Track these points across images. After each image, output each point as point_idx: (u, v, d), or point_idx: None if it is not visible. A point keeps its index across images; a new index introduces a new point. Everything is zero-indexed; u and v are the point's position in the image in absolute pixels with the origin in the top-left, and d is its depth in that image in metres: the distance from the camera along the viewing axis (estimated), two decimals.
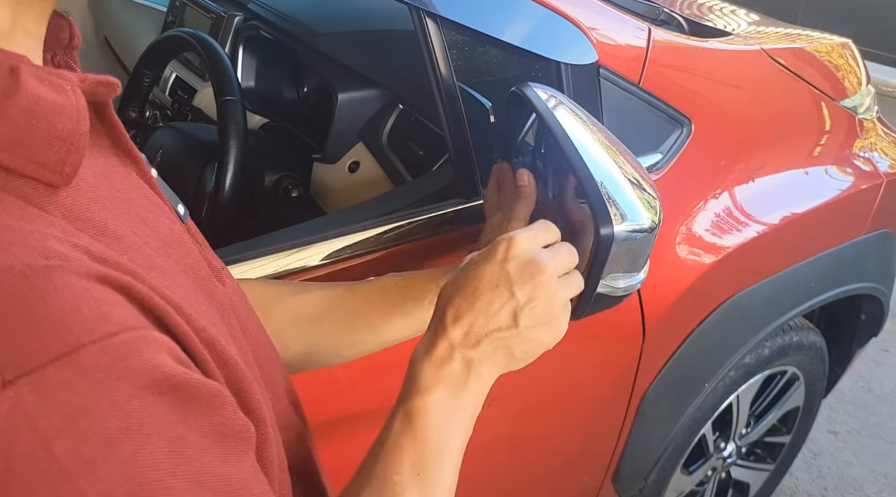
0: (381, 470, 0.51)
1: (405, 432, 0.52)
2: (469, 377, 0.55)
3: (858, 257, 1.44)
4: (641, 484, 1.33)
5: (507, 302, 0.56)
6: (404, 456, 0.51)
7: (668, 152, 1.09)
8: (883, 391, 2.22)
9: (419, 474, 0.51)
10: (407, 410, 0.53)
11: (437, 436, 0.53)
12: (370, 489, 0.50)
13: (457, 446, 0.54)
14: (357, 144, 1.26)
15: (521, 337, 0.56)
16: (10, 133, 0.32)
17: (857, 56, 1.53)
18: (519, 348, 0.57)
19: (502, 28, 0.90)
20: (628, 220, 0.66)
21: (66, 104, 0.34)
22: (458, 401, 0.55)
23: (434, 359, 0.55)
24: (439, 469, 0.52)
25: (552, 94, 0.76)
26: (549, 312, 0.57)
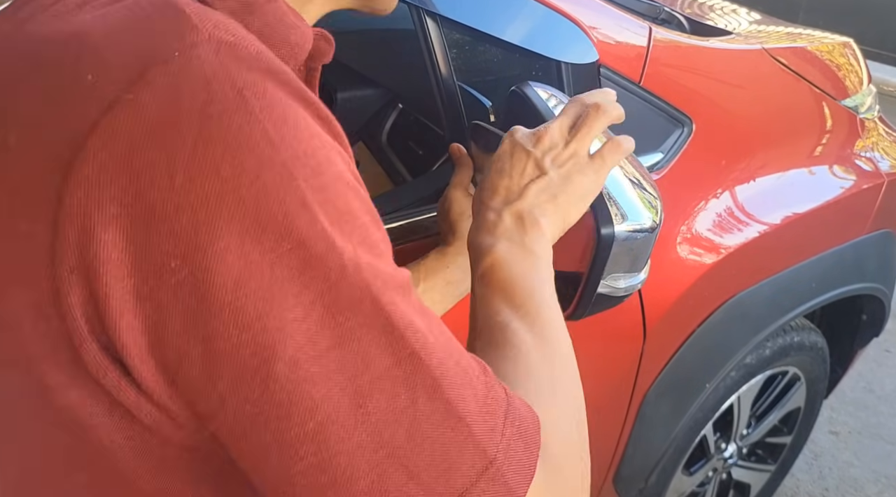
0: (481, 321, 0.52)
1: (488, 287, 0.54)
2: (524, 224, 0.57)
3: (860, 257, 1.44)
4: (642, 485, 1.32)
5: (528, 158, 0.60)
6: (498, 302, 0.52)
7: (669, 152, 1.09)
8: (884, 392, 2.22)
9: (518, 309, 0.51)
10: (481, 273, 0.55)
11: (518, 277, 0.54)
12: (480, 340, 0.50)
13: (544, 286, 0.55)
14: (357, 144, 1.25)
15: (553, 181, 0.59)
16: (259, 24, 0.41)
17: (858, 55, 1.53)
18: (561, 192, 0.59)
19: (503, 27, 0.90)
20: (629, 219, 0.65)
21: (301, 27, 0.44)
22: (524, 246, 0.56)
23: (486, 227, 0.58)
24: (537, 304, 0.52)
25: (553, 93, 0.76)
26: (571, 155, 0.60)
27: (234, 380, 0.34)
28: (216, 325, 0.34)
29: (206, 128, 0.34)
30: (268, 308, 0.34)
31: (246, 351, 0.34)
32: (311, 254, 0.35)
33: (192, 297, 0.34)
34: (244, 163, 0.34)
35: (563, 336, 0.52)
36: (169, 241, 0.34)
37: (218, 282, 0.34)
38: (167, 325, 0.34)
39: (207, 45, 0.36)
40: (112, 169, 0.34)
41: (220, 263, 0.34)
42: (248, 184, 0.34)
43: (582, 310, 0.67)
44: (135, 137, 0.34)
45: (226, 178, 0.34)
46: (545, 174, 0.59)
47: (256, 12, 0.41)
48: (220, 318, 0.34)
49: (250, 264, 0.34)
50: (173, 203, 0.33)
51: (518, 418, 0.40)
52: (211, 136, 0.34)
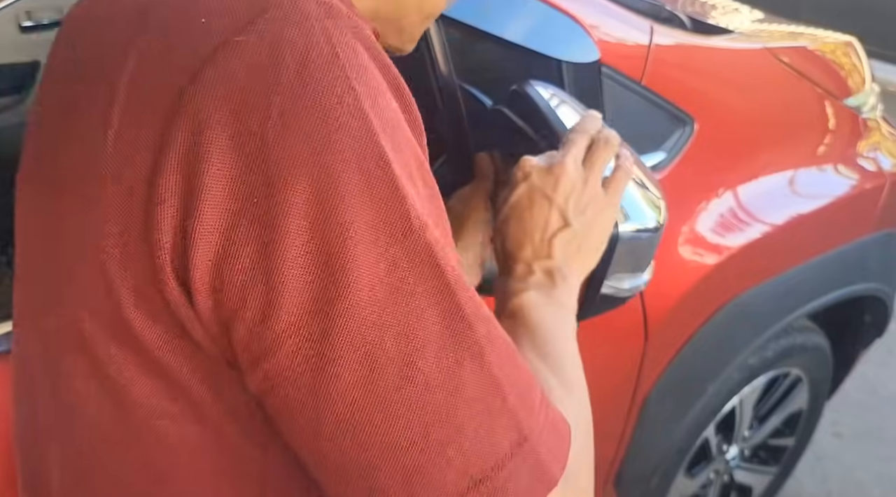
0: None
1: (516, 323, 0.54)
2: (555, 280, 0.58)
3: (862, 258, 1.43)
4: (644, 487, 1.32)
5: (550, 208, 0.60)
6: (524, 346, 0.52)
7: (671, 151, 1.08)
8: (887, 393, 2.21)
9: (544, 356, 0.52)
10: (510, 310, 0.56)
11: (546, 320, 0.54)
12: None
13: (569, 332, 0.56)
14: None
15: (578, 232, 0.60)
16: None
17: (861, 55, 1.52)
18: (584, 241, 0.60)
19: (503, 26, 0.89)
20: (633, 219, 0.65)
21: None
22: (552, 296, 0.57)
23: (517, 275, 0.59)
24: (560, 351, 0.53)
25: (554, 92, 0.75)
26: (590, 197, 0.61)
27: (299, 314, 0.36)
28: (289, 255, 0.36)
29: (303, 73, 0.37)
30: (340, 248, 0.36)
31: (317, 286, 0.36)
32: (380, 199, 0.37)
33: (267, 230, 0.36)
34: (331, 112, 0.36)
35: (583, 390, 0.52)
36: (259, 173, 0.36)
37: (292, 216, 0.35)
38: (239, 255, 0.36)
39: (309, 2, 0.39)
40: (220, 98, 0.36)
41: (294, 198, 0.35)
42: (335, 130, 0.36)
43: (586, 310, 0.67)
44: (239, 75, 0.37)
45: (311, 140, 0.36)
46: (569, 226, 0.59)
47: None
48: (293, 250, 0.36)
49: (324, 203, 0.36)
50: (270, 136, 0.36)
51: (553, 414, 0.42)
52: (305, 82, 0.37)
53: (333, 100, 0.37)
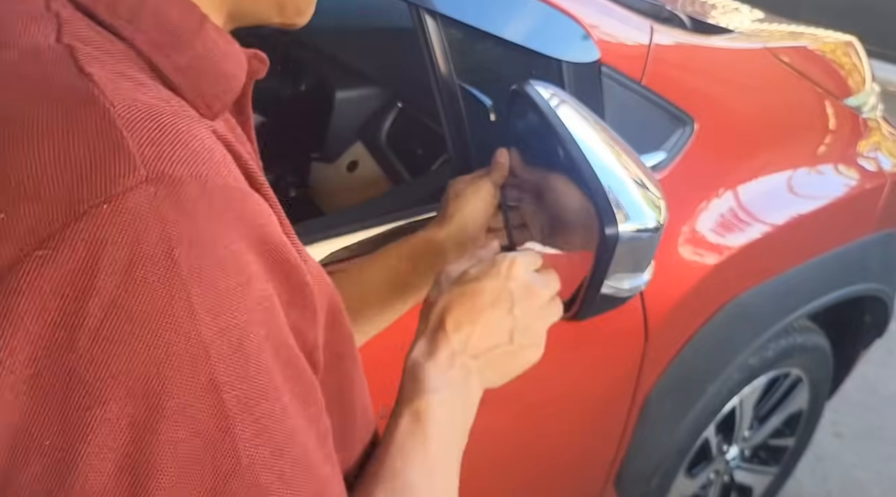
0: (391, 469, 0.51)
1: (415, 432, 0.53)
2: (467, 383, 0.58)
3: (863, 258, 1.43)
4: (644, 487, 1.31)
5: (506, 319, 0.59)
6: (416, 455, 0.52)
7: (671, 151, 1.08)
8: (888, 393, 2.21)
9: (430, 474, 0.52)
10: (415, 410, 0.54)
11: (444, 435, 0.54)
12: (382, 487, 0.50)
13: (459, 448, 0.56)
14: (356, 144, 1.25)
15: (513, 354, 0.60)
16: (189, 58, 0.38)
17: (861, 54, 1.52)
18: (508, 364, 0.61)
19: (503, 25, 0.89)
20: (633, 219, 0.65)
21: (235, 53, 0.41)
22: (460, 404, 0.57)
23: (438, 362, 0.57)
24: (448, 467, 0.54)
25: (554, 92, 0.75)
26: (539, 334, 0.61)
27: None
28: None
29: (123, 295, 0.31)
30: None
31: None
32: (207, 441, 0.32)
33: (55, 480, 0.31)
34: (155, 340, 0.31)
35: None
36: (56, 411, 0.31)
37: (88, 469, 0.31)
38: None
39: (143, 190, 0.31)
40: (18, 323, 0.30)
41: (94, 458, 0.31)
42: (156, 364, 0.31)
43: (586, 310, 0.67)
44: (44, 295, 0.30)
45: (132, 358, 0.31)
46: (511, 344, 0.59)
47: (185, 47, 0.38)
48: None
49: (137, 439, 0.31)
50: (73, 368, 0.31)
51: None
52: (125, 307, 0.31)
53: (162, 327, 0.31)
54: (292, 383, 0.36)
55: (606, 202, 0.64)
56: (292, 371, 0.36)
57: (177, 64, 0.37)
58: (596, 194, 0.64)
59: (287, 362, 0.36)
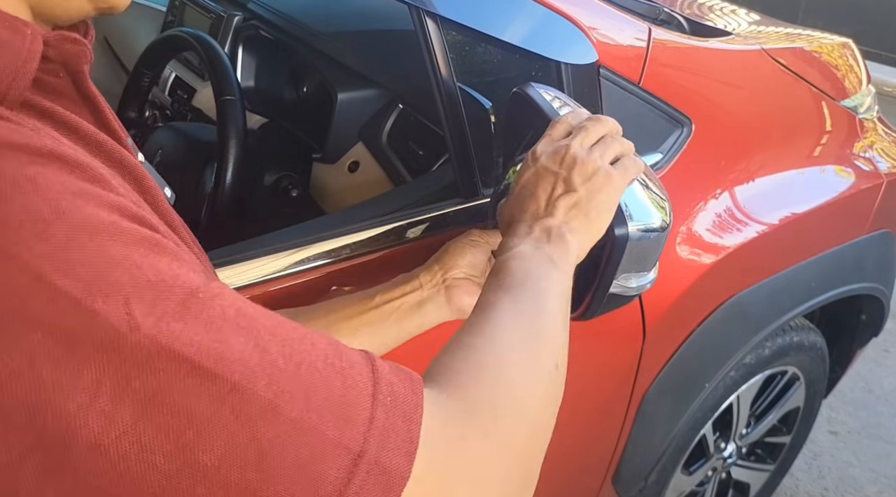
0: (477, 305, 0.53)
1: (495, 274, 0.55)
2: (550, 238, 0.59)
3: (859, 257, 1.44)
4: (642, 484, 1.32)
5: (555, 180, 0.62)
6: (496, 287, 0.53)
7: (669, 152, 1.09)
8: (883, 391, 2.22)
9: (510, 291, 0.52)
10: (496, 266, 0.57)
11: (527, 272, 0.55)
12: (472, 316, 0.51)
13: (553, 283, 0.55)
14: (357, 144, 1.26)
15: (582, 197, 0.61)
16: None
17: (857, 56, 1.53)
18: (588, 206, 0.61)
19: (502, 28, 0.90)
20: (640, 220, 0.66)
21: (15, 42, 0.37)
22: (544, 252, 0.57)
23: (516, 233, 0.60)
24: (535, 290, 0.53)
25: (556, 94, 0.76)
26: (594, 168, 0.62)
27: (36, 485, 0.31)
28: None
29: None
30: (41, 404, 0.30)
31: (37, 455, 0.31)
32: (71, 332, 0.31)
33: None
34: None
35: (552, 325, 0.52)
36: None
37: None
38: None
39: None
40: None
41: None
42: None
43: (594, 309, 0.68)
44: None
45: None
46: (574, 191, 0.61)
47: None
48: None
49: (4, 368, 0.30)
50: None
51: (390, 392, 0.38)
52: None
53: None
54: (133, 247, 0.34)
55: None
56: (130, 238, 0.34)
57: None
58: None
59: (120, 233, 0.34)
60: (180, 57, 1.49)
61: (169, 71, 1.50)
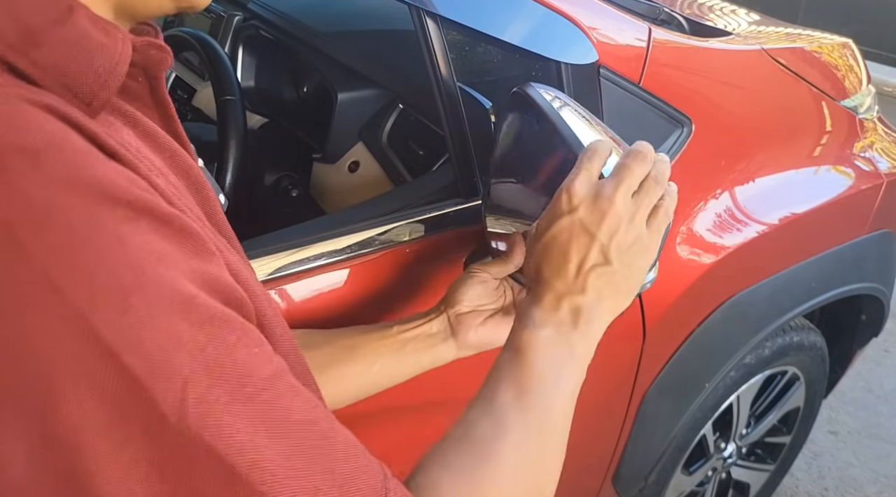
0: (487, 391, 0.52)
1: (512, 361, 0.53)
2: (579, 321, 0.56)
3: (859, 257, 1.44)
4: (642, 484, 1.32)
5: (591, 244, 0.57)
6: (509, 381, 0.52)
7: (669, 152, 1.09)
8: (883, 391, 2.22)
9: (521, 396, 0.51)
10: (516, 344, 0.54)
11: (542, 366, 0.53)
12: (476, 409, 0.51)
13: (566, 387, 0.54)
14: (357, 144, 1.26)
15: (618, 272, 0.57)
16: (50, 55, 0.35)
17: (857, 56, 1.53)
18: (623, 282, 0.58)
19: (502, 28, 0.90)
20: None
21: (110, 45, 0.38)
22: (568, 341, 0.55)
23: (543, 305, 0.56)
24: (543, 399, 0.52)
25: (556, 94, 0.76)
26: (634, 237, 0.58)
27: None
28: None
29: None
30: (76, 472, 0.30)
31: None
32: (124, 409, 0.31)
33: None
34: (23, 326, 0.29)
35: (556, 437, 0.52)
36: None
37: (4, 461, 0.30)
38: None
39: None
40: None
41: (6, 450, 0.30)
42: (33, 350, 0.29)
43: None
44: None
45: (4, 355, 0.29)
46: (609, 264, 0.57)
47: (44, 42, 0.35)
48: None
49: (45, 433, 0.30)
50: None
51: None
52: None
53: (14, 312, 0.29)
54: (212, 330, 0.34)
55: None
56: (208, 320, 0.34)
57: (36, 62, 0.35)
58: None
59: (198, 313, 0.33)
60: (180, 57, 1.49)
61: (169, 71, 1.50)
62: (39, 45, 0.35)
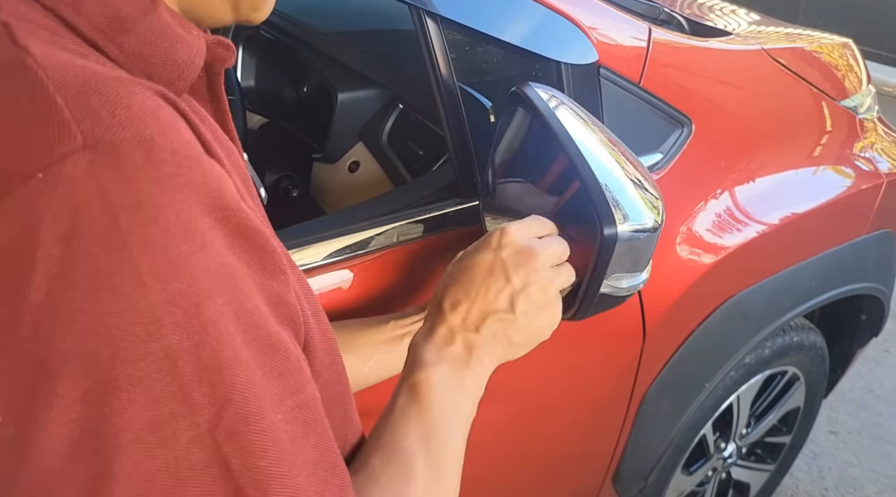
0: (389, 438, 0.51)
1: (410, 404, 0.53)
2: (470, 359, 0.57)
3: (859, 257, 1.44)
4: (642, 484, 1.32)
5: (504, 287, 0.58)
6: (411, 425, 0.52)
7: (669, 152, 1.09)
8: (883, 391, 2.22)
9: (426, 441, 0.51)
10: (411, 384, 0.54)
11: (441, 407, 0.53)
12: (378, 456, 0.50)
13: (461, 423, 0.55)
14: (357, 144, 1.26)
15: (518, 323, 0.59)
16: (135, 43, 0.37)
17: (857, 56, 1.53)
18: (518, 334, 0.59)
19: (502, 28, 0.90)
20: (631, 220, 0.66)
21: (189, 39, 0.39)
22: (461, 378, 0.56)
23: (435, 340, 0.57)
24: (444, 439, 0.52)
25: (553, 94, 0.76)
26: (544, 298, 0.60)
27: None
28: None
29: (66, 267, 0.29)
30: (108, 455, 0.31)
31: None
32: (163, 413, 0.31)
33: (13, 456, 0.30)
34: (103, 310, 0.30)
35: (455, 477, 0.52)
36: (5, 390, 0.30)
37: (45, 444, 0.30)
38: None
39: (80, 157, 0.30)
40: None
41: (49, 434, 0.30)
42: (106, 335, 0.30)
43: (585, 310, 0.68)
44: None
45: (80, 331, 0.30)
46: (512, 313, 0.58)
47: (131, 29, 0.36)
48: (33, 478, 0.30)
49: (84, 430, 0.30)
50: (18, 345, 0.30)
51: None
52: (69, 279, 0.29)
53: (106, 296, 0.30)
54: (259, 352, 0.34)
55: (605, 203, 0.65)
56: (260, 340, 0.34)
57: (122, 47, 0.36)
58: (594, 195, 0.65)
59: (254, 331, 0.34)
60: None
61: None
62: (127, 32, 0.36)
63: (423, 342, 0.58)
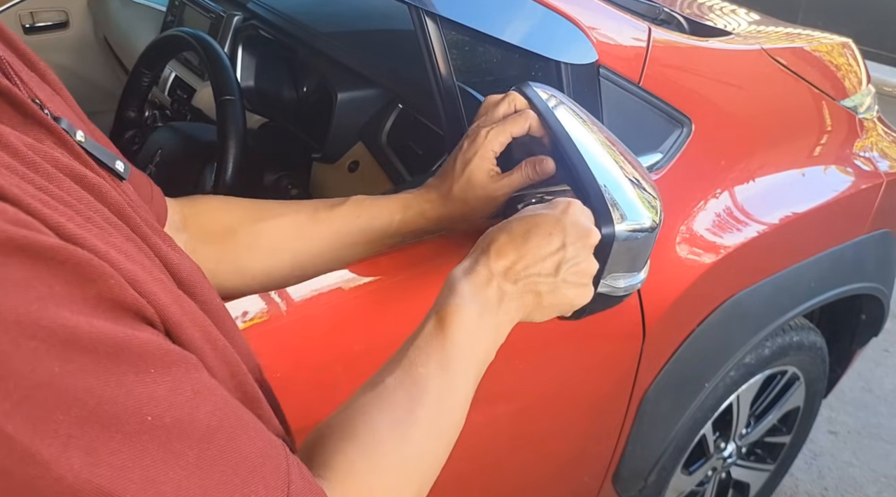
0: (408, 361, 0.52)
1: (436, 333, 0.54)
2: (500, 306, 0.58)
3: (859, 257, 1.44)
4: (641, 484, 1.32)
5: (557, 252, 0.60)
6: (432, 352, 0.53)
7: (669, 152, 1.09)
8: (883, 391, 2.22)
9: (444, 370, 0.52)
10: (441, 315, 0.55)
11: (463, 342, 0.55)
12: (395, 376, 0.51)
13: (478, 364, 0.56)
14: (357, 144, 1.26)
15: (556, 287, 0.60)
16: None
17: (857, 56, 1.53)
18: (548, 298, 0.61)
19: (502, 27, 0.90)
20: (629, 219, 0.66)
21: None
22: (486, 322, 0.57)
23: (474, 280, 0.58)
24: (460, 372, 0.54)
25: (552, 93, 0.76)
26: (585, 275, 0.62)
27: None
28: None
29: None
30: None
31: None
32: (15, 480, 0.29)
33: None
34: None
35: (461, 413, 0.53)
36: None
37: None
38: None
39: None
40: None
41: None
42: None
43: (582, 309, 0.68)
44: None
45: None
46: (555, 276, 0.60)
47: None
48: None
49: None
50: None
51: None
52: None
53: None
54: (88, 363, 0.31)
55: (603, 202, 0.65)
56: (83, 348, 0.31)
57: None
58: (592, 194, 0.65)
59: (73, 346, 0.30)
60: (180, 57, 1.49)
61: (169, 71, 1.50)
62: None
63: (463, 278, 0.58)
